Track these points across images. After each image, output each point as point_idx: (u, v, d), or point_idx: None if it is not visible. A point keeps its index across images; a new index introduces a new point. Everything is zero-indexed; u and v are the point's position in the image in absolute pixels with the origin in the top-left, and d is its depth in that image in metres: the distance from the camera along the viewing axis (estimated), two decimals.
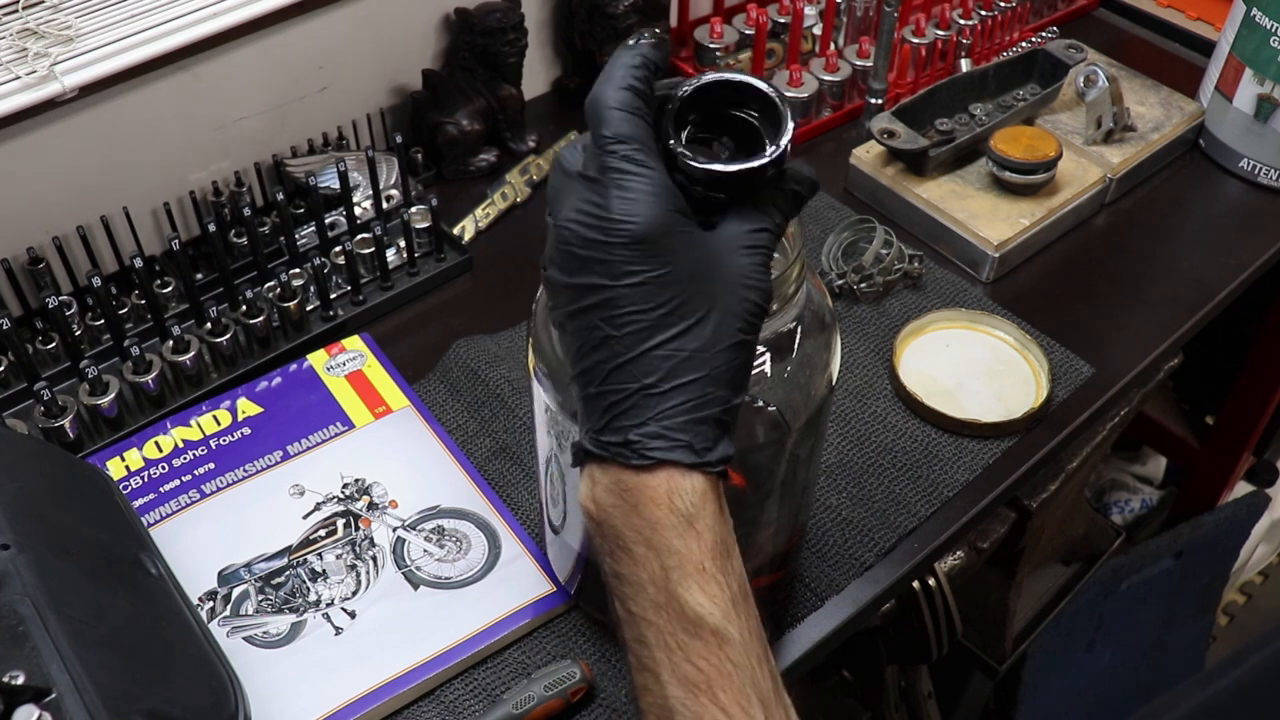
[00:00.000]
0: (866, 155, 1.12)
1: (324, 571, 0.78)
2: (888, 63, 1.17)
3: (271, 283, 0.97)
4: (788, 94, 1.16)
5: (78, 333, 0.91)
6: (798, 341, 0.62)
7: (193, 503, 0.82)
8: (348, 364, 0.92)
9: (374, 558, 0.79)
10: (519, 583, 0.78)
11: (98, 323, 0.92)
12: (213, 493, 0.83)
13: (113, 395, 0.86)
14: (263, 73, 1.02)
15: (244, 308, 0.93)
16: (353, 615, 0.76)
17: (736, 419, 0.53)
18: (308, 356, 0.93)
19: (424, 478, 0.84)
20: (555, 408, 0.62)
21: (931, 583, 1.08)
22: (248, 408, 0.89)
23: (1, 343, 0.86)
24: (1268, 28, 1.08)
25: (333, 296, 0.98)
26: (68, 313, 0.91)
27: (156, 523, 0.81)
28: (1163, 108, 1.19)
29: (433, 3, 1.10)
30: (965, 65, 1.24)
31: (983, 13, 1.26)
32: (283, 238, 0.99)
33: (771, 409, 0.63)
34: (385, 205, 1.04)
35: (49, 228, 0.94)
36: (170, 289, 0.95)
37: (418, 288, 1.01)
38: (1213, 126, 1.18)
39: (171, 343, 0.89)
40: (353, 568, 0.79)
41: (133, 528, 0.77)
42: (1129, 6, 1.42)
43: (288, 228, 0.98)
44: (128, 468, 0.84)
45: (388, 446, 0.86)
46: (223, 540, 0.80)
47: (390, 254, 1.01)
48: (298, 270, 0.98)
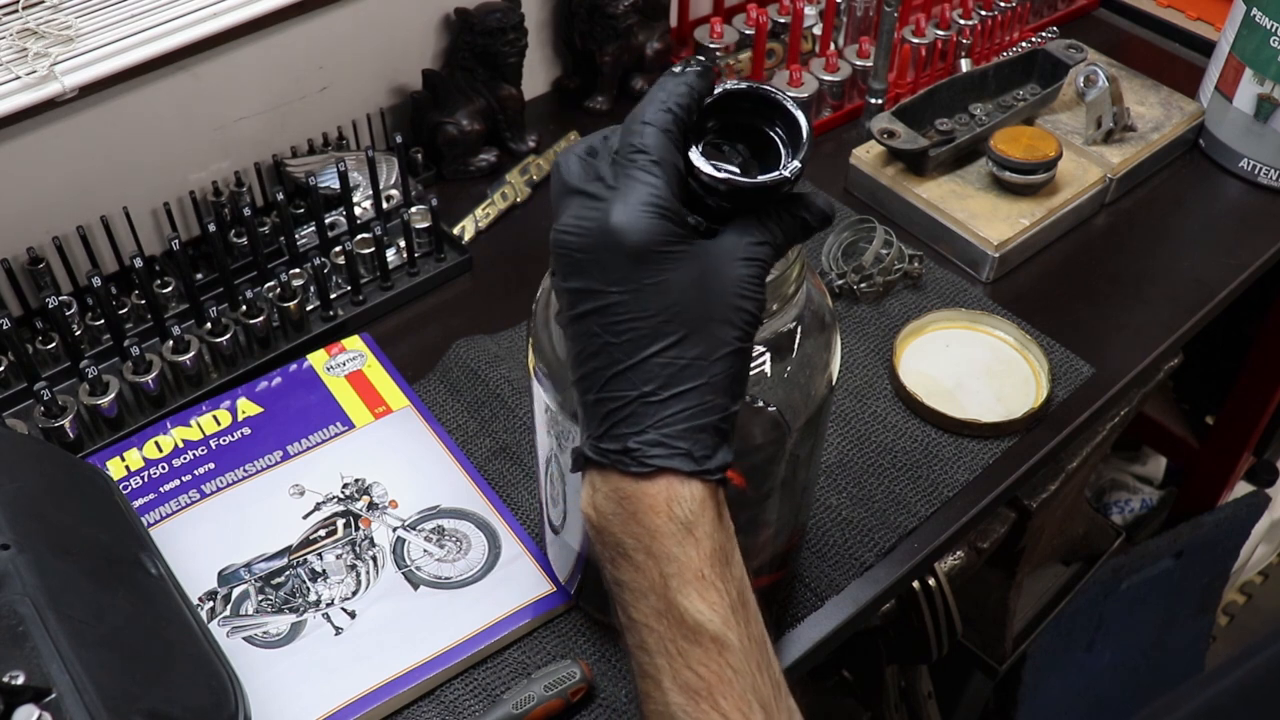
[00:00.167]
0: (866, 155, 1.12)
1: (324, 571, 0.78)
2: (888, 63, 1.17)
3: (271, 283, 0.97)
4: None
5: (78, 333, 0.91)
6: (798, 341, 0.62)
7: (193, 503, 0.82)
8: (348, 364, 0.92)
9: (374, 558, 0.79)
10: (519, 583, 0.78)
11: (98, 323, 0.92)
12: (213, 493, 0.83)
13: (113, 395, 0.86)
14: (263, 73, 1.02)
15: (244, 308, 0.93)
16: (353, 615, 0.76)
17: (735, 425, 0.53)
18: (308, 356, 0.93)
19: (424, 478, 0.84)
20: (555, 408, 0.62)
21: (931, 583, 1.08)
22: (248, 408, 0.89)
23: (1, 343, 0.86)
24: (1268, 28, 1.08)
25: (333, 296, 0.98)
26: (68, 313, 0.91)
27: (156, 523, 0.81)
28: (1163, 108, 1.19)
29: (433, 3, 1.10)
30: (965, 65, 1.24)
31: (983, 13, 1.26)
32: (283, 238, 0.99)
33: (771, 409, 0.63)
34: (385, 205, 1.04)
35: (49, 228, 0.94)
36: (170, 289, 0.95)
37: (418, 288, 1.01)
38: (1213, 126, 1.18)
39: (171, 343, 0.89)
40: (353, 568, 0.79)
41: (133, 528, 0.77)
42: (1129, 6, 1.42)
43: (288, 228, 0.98)
44: (128, 468, 0.84)
45: (388, 446, 0.86)
46: (223, 540, 0.80)
47: (390, 254, 1.01)
48: (298, 270, 0.98)
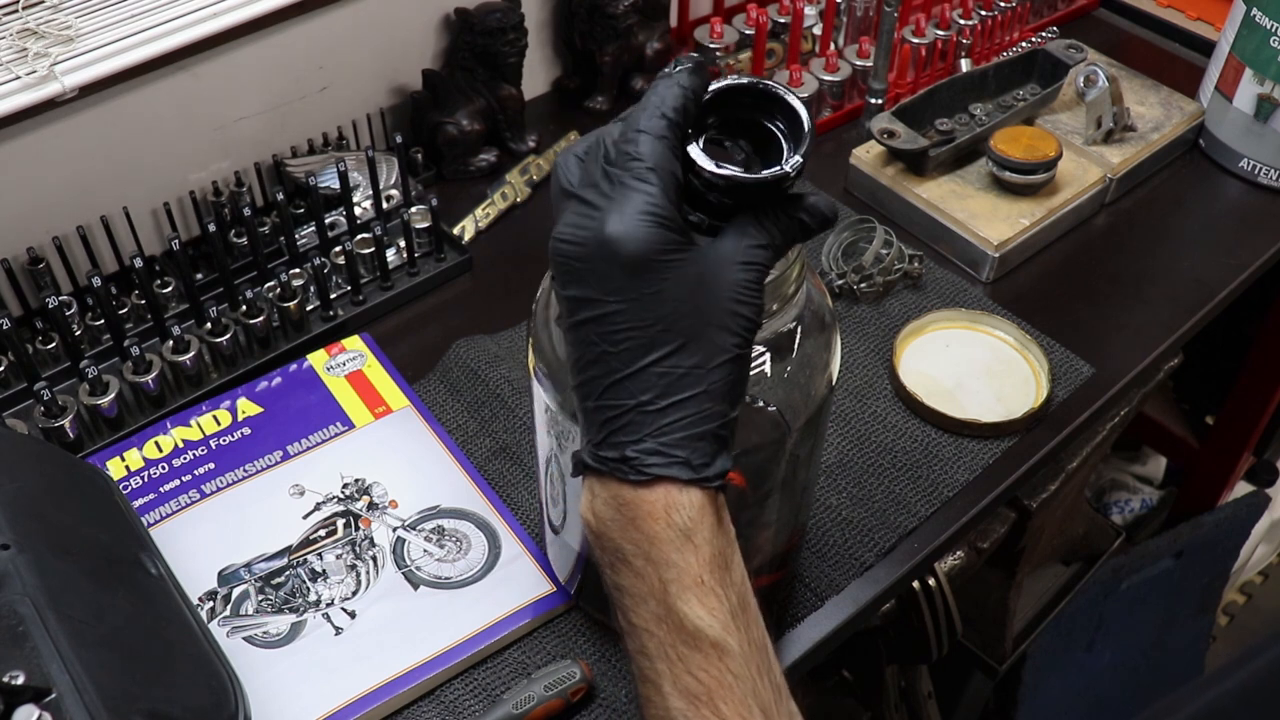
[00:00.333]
0: (866, 155, 1.12)
1: (324, 571, 0.78)
2: (888, 63, 1.17)
3: (271, 283, 0.97)
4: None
5: (78, 333, 0.91)
6: (798, 341, 0.62)
7: (193, 503, 0.82)
8: (348, 364, 0.92)
9: (374, 558, 0.79)
10: (519, 583, 0.78)
11: (98, 323, 0.92)
12: (213, 493, 0.83)
13: (113, 395, 0.86)
14: (263, 73, 1.02)
15: (244, 308, 0.93)
16: (353, 615, 0.76)
17: (734, 432, 0.53)
18: (308, 356, 0.93)
19: (424, 478, 0.84)
20: (555, 408, 0.62)
21: (931, 583, 1.08)
22: (248, 408, 0.89)
23: (1, 343, 0.86)
24: (1268, 28, 1.08)
25: (333, 296, 0.98)
26: (68, 313, 0.91)
27: (156, 523, 0.81)
28: (1163, 108, 1.19)
29: (433, 3, 1.10)
30: (965, 65, 1.24)
31: (983, 13, 1.25)
32: (283, 238, 0.99)
33: (771, 409, 0.63)
34: (385, 205, 1.04)
35: (49, 228, 0.94)
36: (170, 289, 0.95)
37: (418, 288, 1.01)
38: (1213, 126, 1.18)
39: (171, 343, 0.89)
40: (353, 568, 0.79)
41: (133, 528, 0.77)
42: (1129, 6, 1.42)
43: (288, 228, 0.98)
44: (128, 468, 0.84)
45: (388, 446, 0.86)
46: (223, 540, 0.80)
47: (390, 254, 1.01)
48: (298, 270, 0.98)
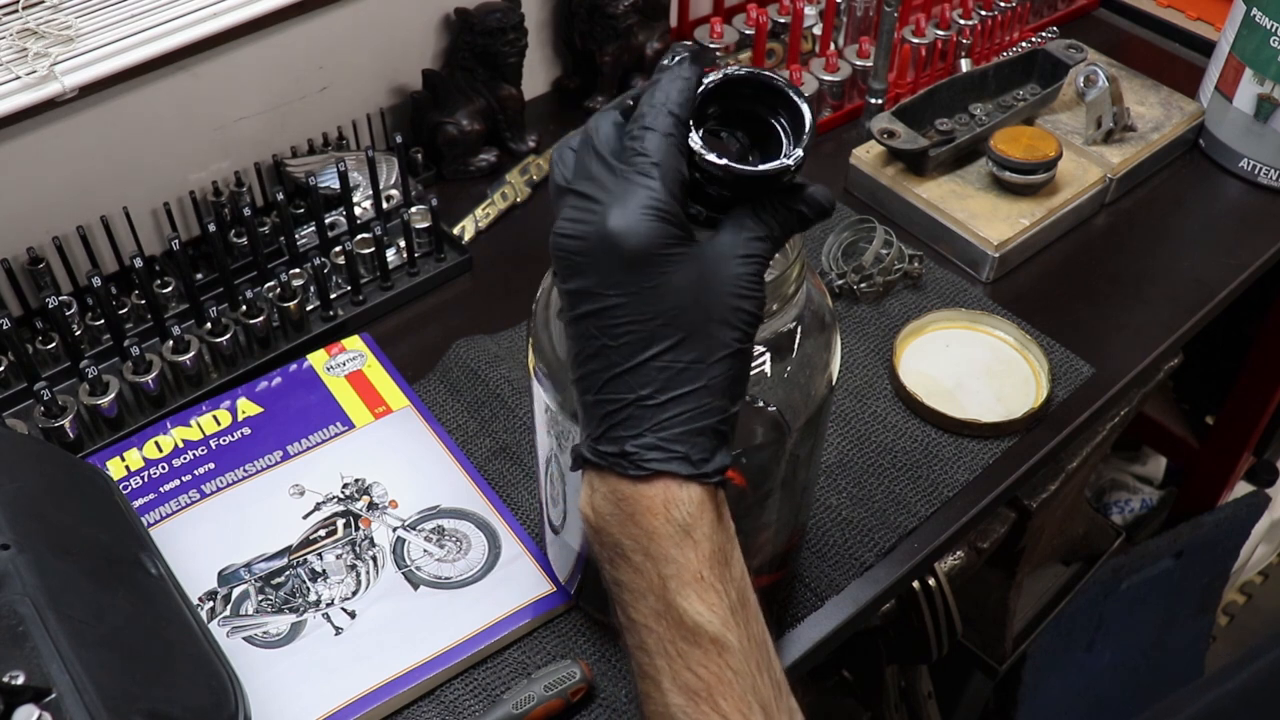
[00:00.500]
0: (866, 155, 1.12)
1: (324, 571, 0.78)
2: (888, 63, 1.17)
3: (271, 283, 0.97)
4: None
5: (78, 333, 0.91)
6: (798, 341, 0.62)
7: (193, 503, 0.82)
8: (348, 364, 0.92)
9: (374, 558, 0.79)
10: (519, 583, 0.78)
11: (98, 323, 0.92)
12: (213, 493, 0.83)
13: (113, 395, 0.86)
14: (263, 73, 1.02)
15: (244, 308, 0.93)
16: (353, 615, 0.76)
17: (735, 427, 0.52)
18: (308, 356, 0.93)
19: (424, 478, 0.84)
20: (555, 408, 0.62)
21: (931, 583, 1.08)
22: (248, 408, 0.89)
23: (1, 343, 0.86)
24: (1268, 28, 1.08)
25: (333, 296, 0.98)
26: (68, 313, 0.91)
27: (156, 523, 0.81)
28: (1163, 108, 1.19)
29: (433, 3, 1.10)
30: (965, 65, 1.24)
31: (983, 13, 1.25)
32: (283, 238, 0.99)
33: (771, 409, 0.63)
34: (385, 205, 1.04)
35: (49, 228, 0.94)
36: (170, 289, 0.95)
37: (418, 288, 1.01)
38: (1213, 126, 1.18)
39: (171, 343, 0.89)
40: (353, 568, 0.79)
41: (133, 528, 0.77)
42: (1129, 6, 1.42)
43: (288, 228, 0.98)
44: (128, 468, 0.84)
45: (388, 446, 0.86)
46: (223, 540, 0.80)
47: (390, 254, 1.01)
48: (298, 270, 0.98)
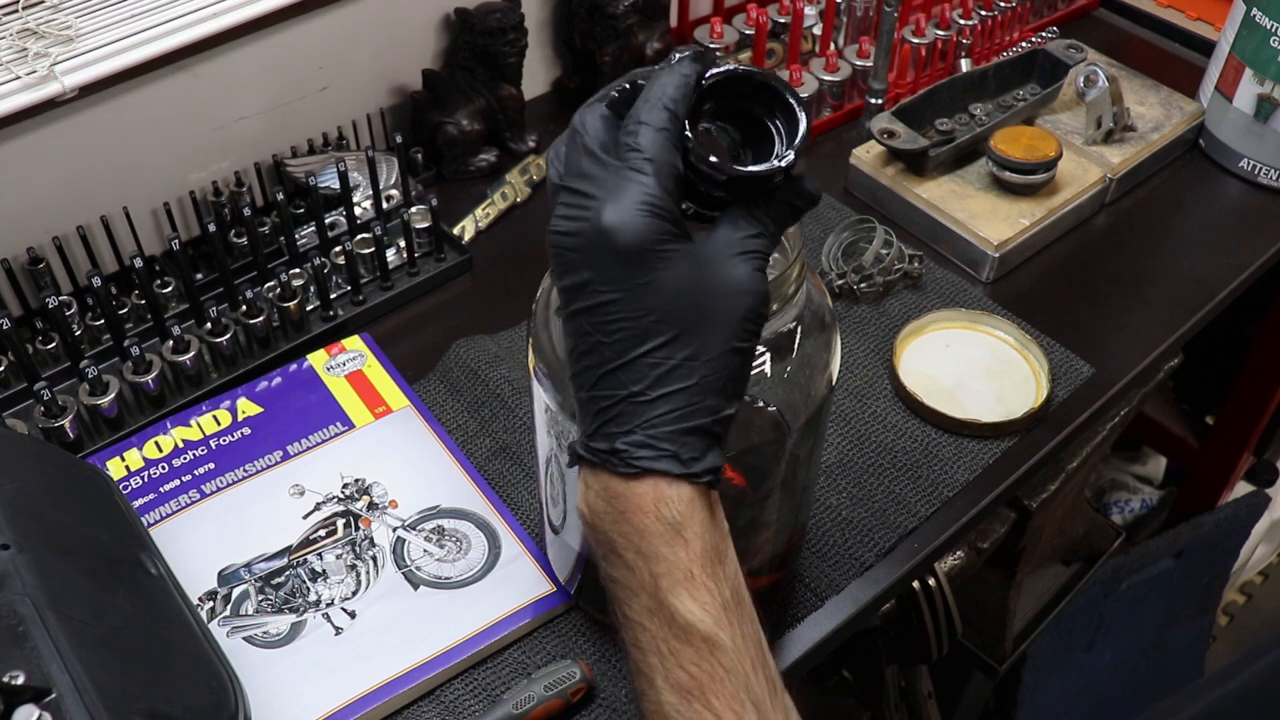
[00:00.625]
0: (866, 155, 1.12)
1: (324, 571, 0.78)
2: (888, 63, 1.17)
3: (271, 283, 0.97)
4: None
5: (78, 333, 0.91)
6: (798, 341, 0.62)
7: (193, 503, 0.82)
8: (348, 364, 0.92)
9: (374, 558, 0.79)
10: (519, 583, 0.78)
11: (98, 323, 0.92)
12: (213, 493, 0.83)
13: (113, 395, 0.86)
14: (263, 73, 1.02)
15: (244, 308, 0.93)
16: (353, 615, 0.76)
17: (729, 428, 0.52)
18: (308, 356, 0.93)
19: (424, 478, 0.84)
20: (555, 408, 0.62)
21: (931, 583, 1.08)
22: (248, 408, 0.89)
23: (1, 343, 0.86)
24: (1268, 28, 1.08)
25: (333, 296, 0.98)
26: (68, 313, 0.91)
27: (156, 523, 0.81)
28: (1163, 108, 1.19)
29: (433, 3, 1.10)
30: (965, 65, 1.24)
31: (983, 13, 1.25)
32: (283, 238, 0.99)
33: (771, 409, 0.63)
34: (385, 205, 1.04)
35: (49, 228, 0.94)
36: (170, 289, 0.95)
37: (418, 288, 1.01)
38: (1213, 126, 1.18)
39: (171, 343, 0.89)
40: (353, 568, 0.79)
41: (133, 528, 0.77)
42: (1129, 6, 1.42)
43: (288, 228, 0.98)
44: (128, 468, 0.84)
45: (388, 446, 0.86)
46: (223, 540, 0.80)
47: (390, 254, 1.01)
48: (298, 270, 0.98)
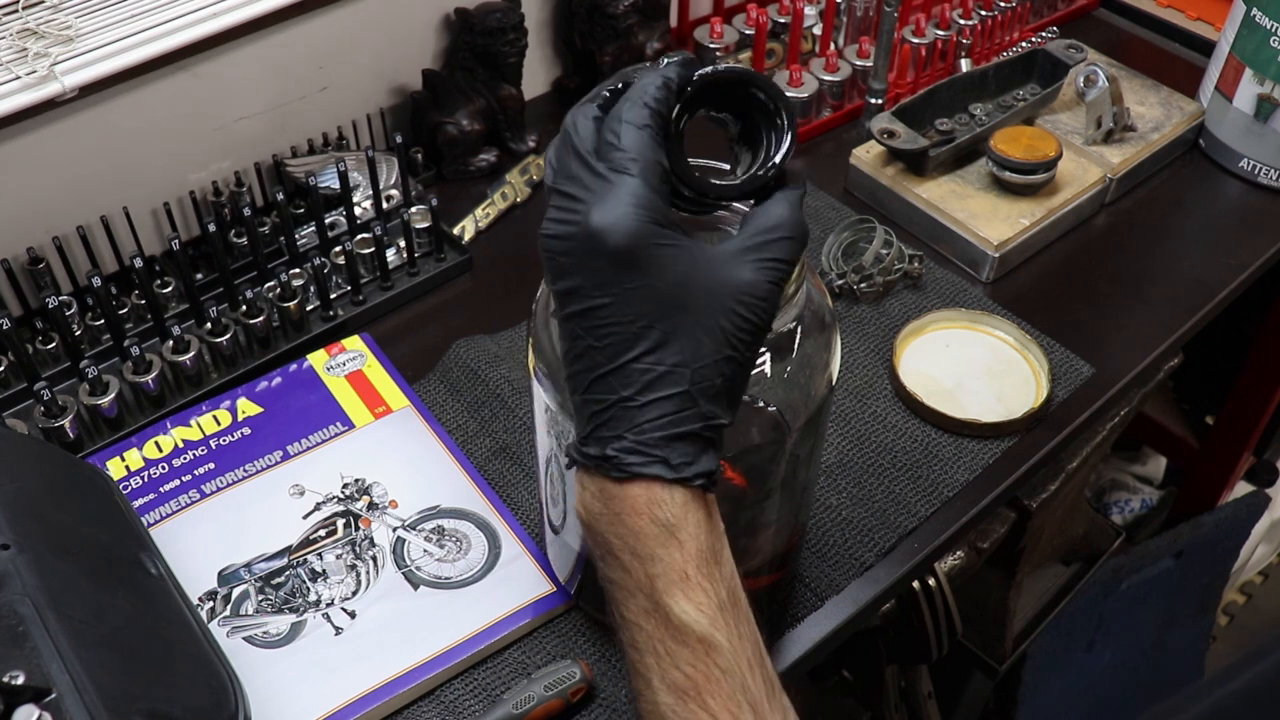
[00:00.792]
0: (866, 155, 1.12)
1: (324, 571, 0.78)
2: (888, 63, 1.17)
3: (271, 283, 0.97)
4: (788, 94, 1.16)
5: (78, 333, 0.91)
6: (798, 341, 0.62)
7: (193, 503, 0.82)
8: (348, 364, 0.92)
9: (374, 558, 0.79)
10: (519, 583, 0.78)
11: (98, 323, 0.92)
12: (213, 493, 0.83)
13: (113, 395, 0.86)
14: (263, 73, 1.02)
15: (244, 308, 0.93)
16: (353, 615, 0.76)
17: (722, 434, 0.52)
18: (308, 356, 0.93)
19: (424, 478, 0.84)
20: (555, 408, 0.62)
21: (931, 583, 1.08)
22: (248, 408, 0.89)
23: (1, 343, 0.86)
24: (1268, 28, 1.08)
25: (333, 296, 0.98)
26: (68, 313, 0.91)
27: (156, 523, 0.81)
28: (1163, 108, 1.19)
29: (433, 3, 1.10)
30: (965, 65, 1.24)
31: (983, 13, 1.25)
32: (283, 238, 0.99)
33: (771, 409, 0.63)
34: (385, 205, 1.04)
35: (49, 228, 0.94)
36: (170, 289, 0.95)
37: (418, 288, 1.01)
38: (1213, 126, 1.18)
39: (171, 343, 0.89)
40: (353, 568, 0.79)
41: (133, 528, 0.77)
42: (1129, 6, 1.42)
43: (288, 228, 0.98)
44: (128, 468, 0.84)
45: (388, 446, 0.86)
46: (223, 540, 0.80)
47: (390, 254, 1.01)
48: (298, 270, 0.98)
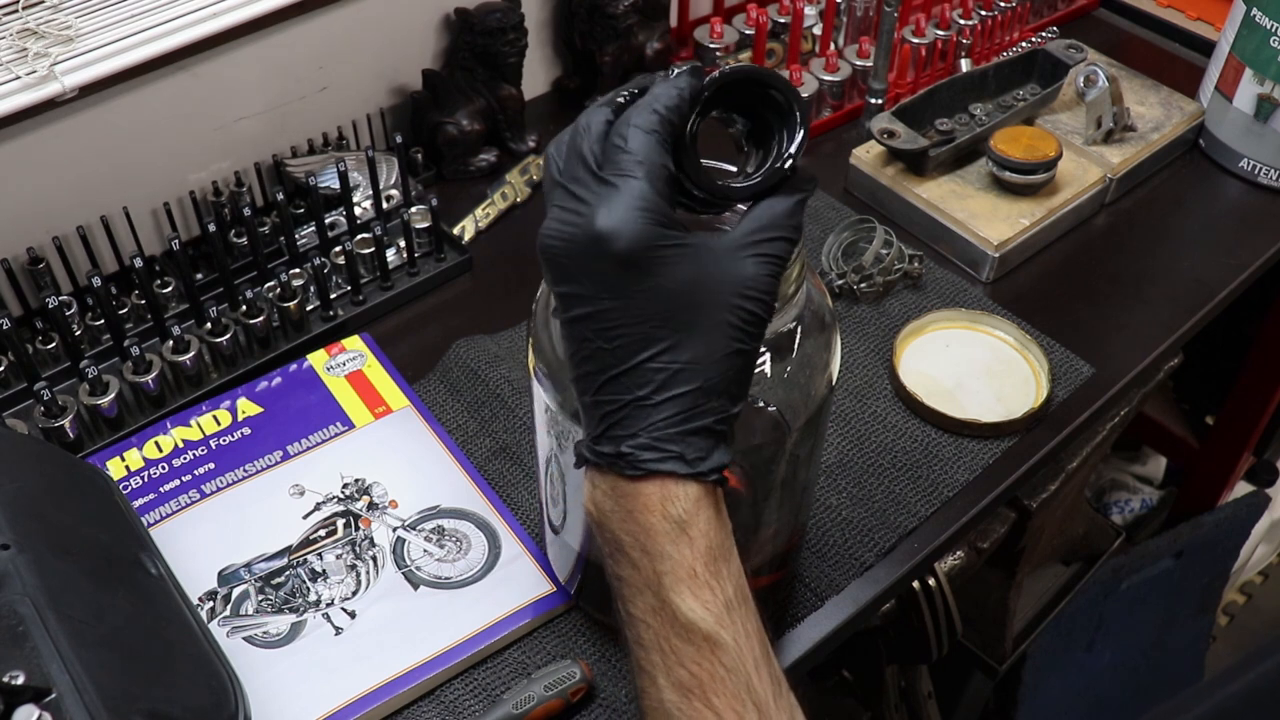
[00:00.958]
0: (866, 155, 1.12)
1: (324, 571, 0.78)
2: (888, 63, 1.17)
3: (271, 283, 0.97)
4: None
5: (78, 333, 0.91)
6: (798, 341, 0.62)
7: (193, 503, 0.82)
8: (348, 364, 0.92)
9: (374, 558, 0.79)
10: (519, 583, 0.78)
11: (98, 323, 0.92)
12: (213, 493, 0.83)
13: (113, 395, 0.86)
14: (262, 73, 1.02)
15: (244, 308, 0.93)
16: (353, 615, 0.76)
17: (734, 426, 0.52)
18: (308, 356, 0.93)
19: (424, 478, 0.84)
20: (555, 408, 0.62)
21: (931, 583, 1.08)
22: (248, 408, 0.89)
23: (1, 343, 0.86)
24: (1268, 28, 1.08)
25: (333, 296, 0.98)
26: (68, 313, 0.91)
27: (156, 523, 0.81)
28: (1163, 108, 1.19)
29: (433, 3, 1.10)
30: (965, 65, 1.24)
31: (983, 13, 1.25)
32: (283, 238, 0.99)
33: (771, 409, 0.63)
34: (385, 205, 1.04)
35: (49, 228, 0.94)
36: (170, 289, 0.95)
37: (418, 288, 1.01)
38: (1213, 126, 1.18)
39: (171, 343, 0.89)
40: (353, 568, 0.79)
41: (133, 528, 0.77)
42: (1129, 6, 1.42)
43: (288, 228, 0.98)
44: (128, 468, 0.84)
45: (388, 446, 0.86)
46: (223, 540, 0.80)
47: (390, 254, 1.01)
48: (298, 270, 0.98)
